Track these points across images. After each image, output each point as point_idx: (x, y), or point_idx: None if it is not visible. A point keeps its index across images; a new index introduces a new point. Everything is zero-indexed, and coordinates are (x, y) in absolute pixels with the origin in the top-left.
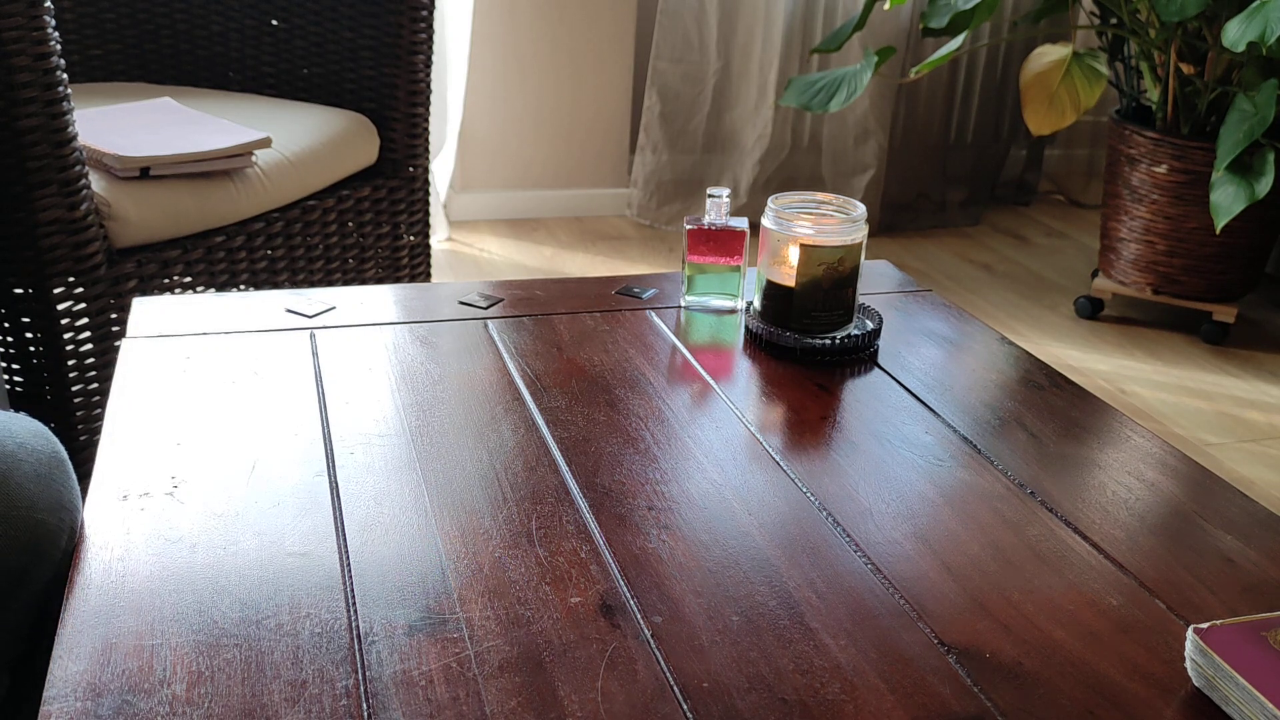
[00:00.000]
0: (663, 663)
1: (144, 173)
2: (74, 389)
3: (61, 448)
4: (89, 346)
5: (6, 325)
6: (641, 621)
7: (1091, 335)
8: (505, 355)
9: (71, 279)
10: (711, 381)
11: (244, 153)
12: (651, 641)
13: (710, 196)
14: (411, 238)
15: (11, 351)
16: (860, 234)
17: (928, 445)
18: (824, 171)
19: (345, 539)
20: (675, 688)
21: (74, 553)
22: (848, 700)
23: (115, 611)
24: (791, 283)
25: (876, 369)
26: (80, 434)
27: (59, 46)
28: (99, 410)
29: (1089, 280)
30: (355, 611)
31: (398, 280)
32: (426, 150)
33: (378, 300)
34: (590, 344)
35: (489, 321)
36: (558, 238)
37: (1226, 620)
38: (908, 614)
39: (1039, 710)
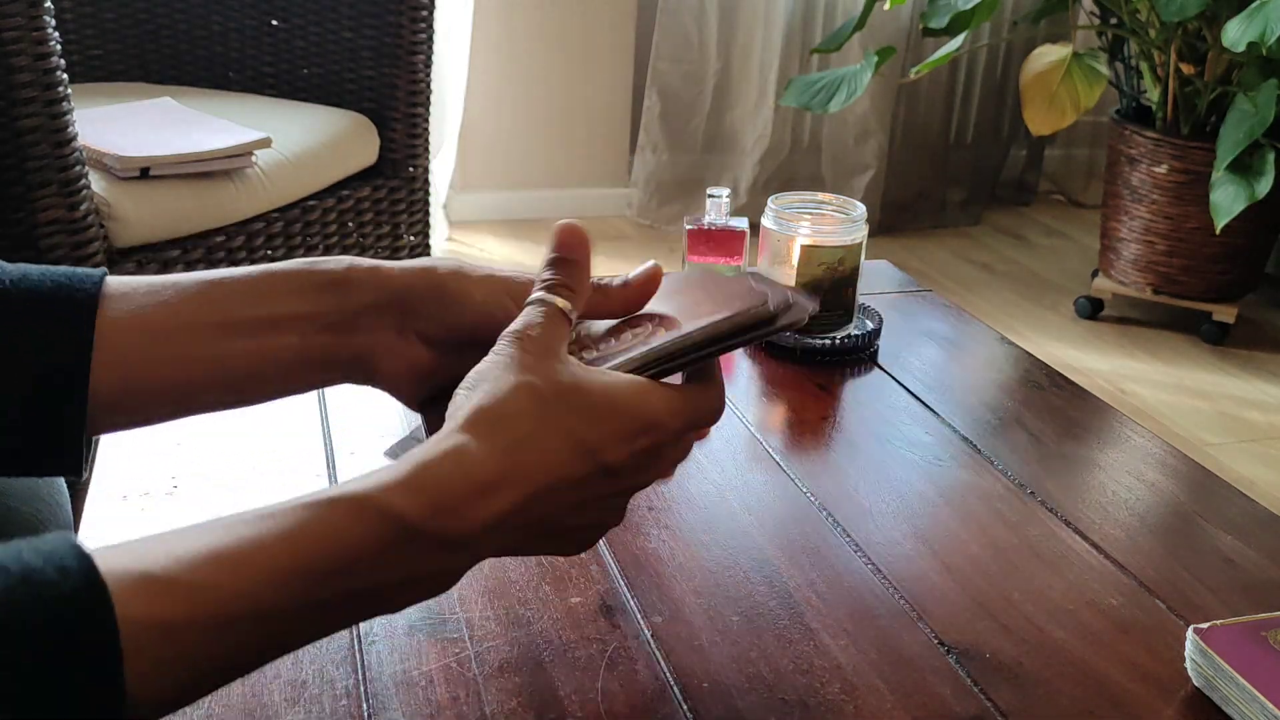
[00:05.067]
0: (663, 663)
1: (144, 173)
2: None
3: None
4: None
5: None
6: (641, 621)
7: (1091, 335)
8: None
9: None
10: None
11: (244, 153)
12: (651, 641)
13: (710, 196)
14: (411, 238)
15: None
16: (860, 234)
17: (928, 445)
18: (824, 171)
19: None
20: (675, 688)
21: None
22: (848, 700)
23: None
24: (792, 283)
25: (876, 369)
26: None
27: (59, 46)
28: None
29: (1089, 280)
30: None
31: None
32: (426, 150)
33: None
34: None
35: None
36: None
37: (1227, 620)
38: (908, 614)
39: (1039, 710)
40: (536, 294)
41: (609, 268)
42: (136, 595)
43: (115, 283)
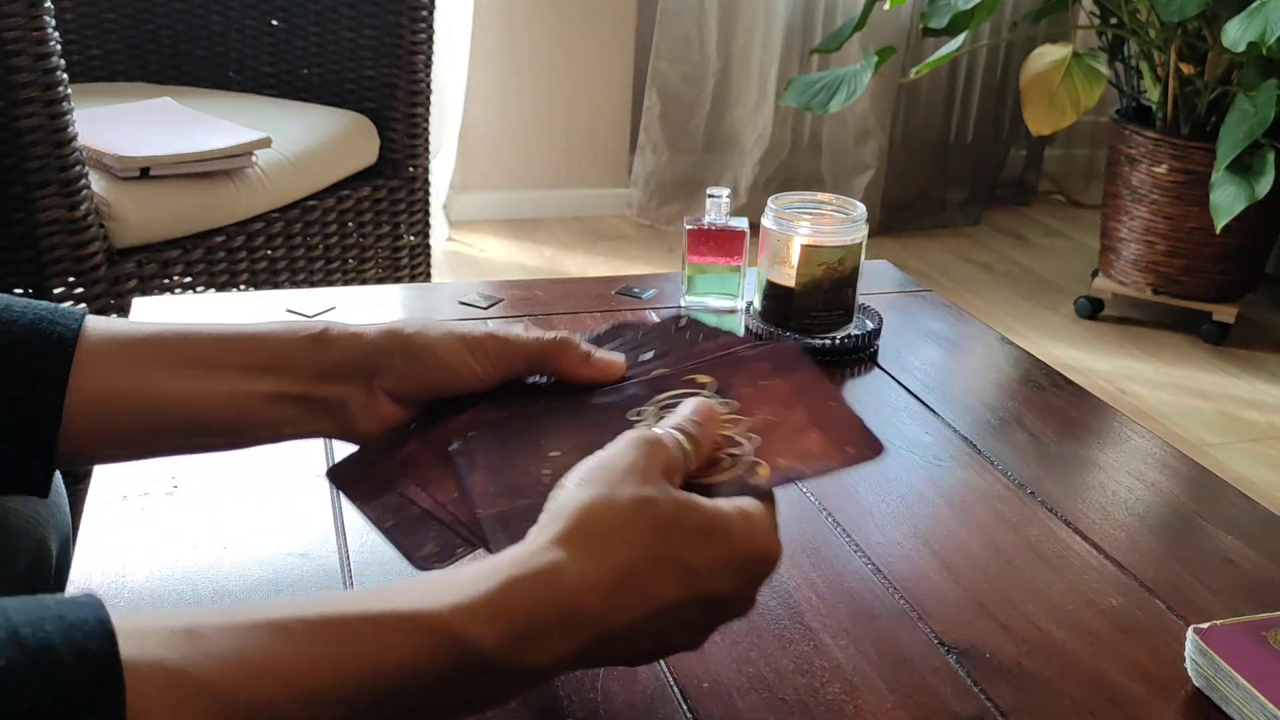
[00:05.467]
0: (663, 663)
1: (144, 173)
2: None
3: None
4: None
5: None
6: None
7: (1091, 335)
8: None
9: (71, 279)
10: None
11: (244, 153)
12: None
13: (710, 196)
14: (411, 238)
15: None
16: (860, 234)
17: (928, 445)
18: (824, 171)
19: (345, 539)
20: (675, 688)
21: (70, 553)
22: (848, 700)
23: (115, 612)
24: (792, 283)
25: (876, 369)
26: None
27: (59, 46)
28: None
29: (1089, 280)
30: None
31: (398, 280)
32: (426, 150)
33: (378, 300)
34: None
35: (489, 322)
36: (558, 238)
37: (1227, 620)
38: (908, 614)
39: (1039, 710)
40: (675, 422)
41: (609, 268)
42: (159, 694)
43: (97, 320)
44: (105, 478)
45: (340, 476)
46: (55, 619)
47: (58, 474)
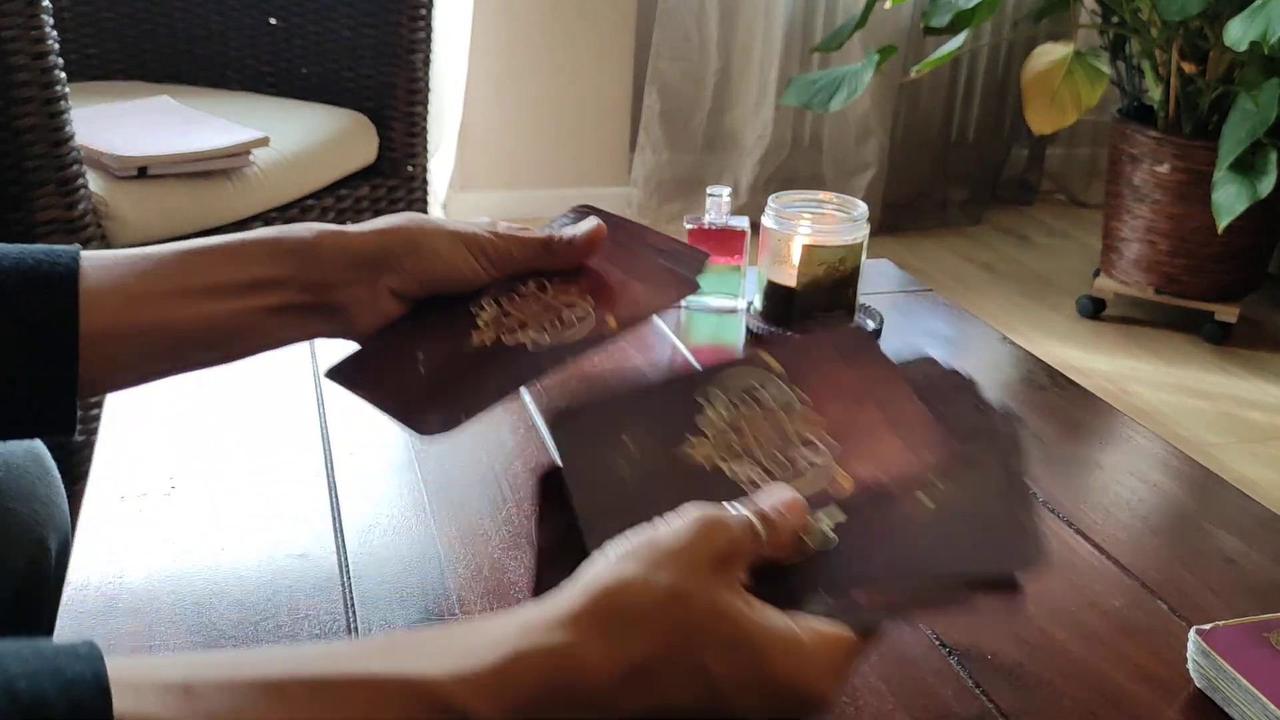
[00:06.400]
0: None
1: (142, 172)
2: None
3: (40, 444)
4: None
5: None
6: None
7: (1093, 335)
8: None
9: None
10: None
11: (242, 152)
12: None
13: (710, 196)
14: None
15: None
16: (861, 233)
17: None
18: (825, 171)
19: (344, 540)
20: None
21: (69, 553)
22: (848, 700)
23: (112, 613)
24: (793, 282)
25: None
26: (78, 434)
27: (57, 45)
28: (96, 410)
29: (1091, 280)
30: (354, 613)
31: None
32: (425, 149)
33: None
34: None
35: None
36: None
37: (1229, 621)
38: None
39: (1040, 711)
40: (754, 506)
41: None
42: None
43: (92, 256)
44: (103, 478)
45: (342, 375)
46: (52, 672)
47: (57, 473)
